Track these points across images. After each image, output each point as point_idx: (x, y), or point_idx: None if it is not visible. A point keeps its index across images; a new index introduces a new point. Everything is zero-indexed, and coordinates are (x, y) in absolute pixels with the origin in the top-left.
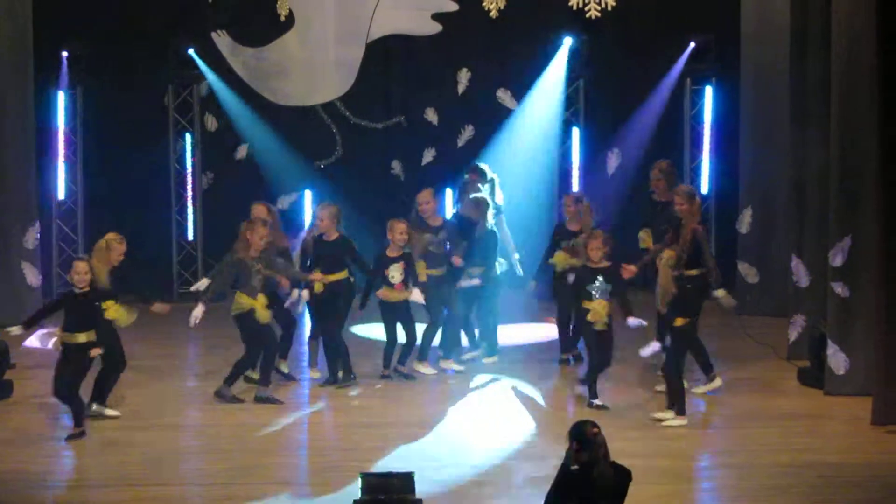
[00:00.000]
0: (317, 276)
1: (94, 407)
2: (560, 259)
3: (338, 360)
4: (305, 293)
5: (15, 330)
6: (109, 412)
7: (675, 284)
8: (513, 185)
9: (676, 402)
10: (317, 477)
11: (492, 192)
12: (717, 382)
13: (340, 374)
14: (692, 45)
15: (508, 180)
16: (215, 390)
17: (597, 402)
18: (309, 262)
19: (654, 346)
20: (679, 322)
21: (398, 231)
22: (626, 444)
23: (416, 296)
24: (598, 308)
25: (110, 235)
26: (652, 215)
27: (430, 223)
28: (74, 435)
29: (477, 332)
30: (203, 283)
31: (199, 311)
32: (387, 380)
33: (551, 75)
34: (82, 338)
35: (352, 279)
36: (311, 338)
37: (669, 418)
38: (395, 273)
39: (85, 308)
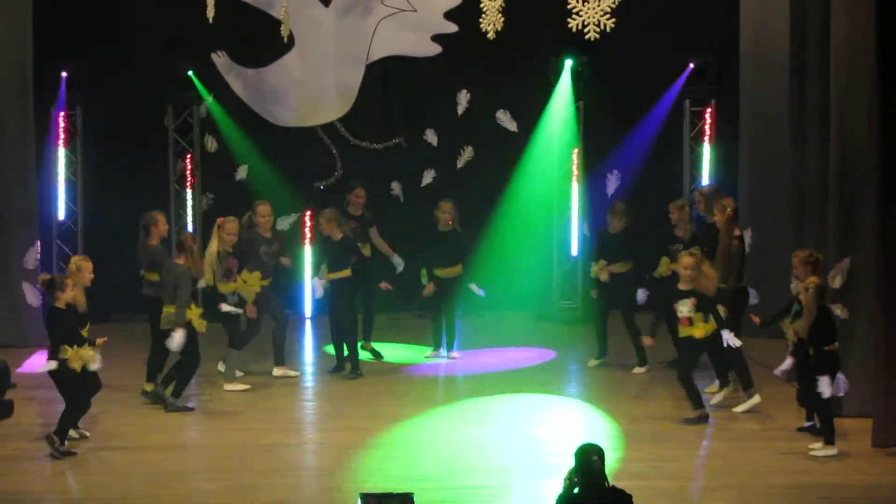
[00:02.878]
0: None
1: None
2: (663, 265)
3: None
4: (318, 282)
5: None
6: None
7: (817, 312)
8: (512, 207)
9: (825, 430)
10: (317, 497)
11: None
12: (757, 399)
13: (348, 367)
14: (691, 66)
15: (508, 202)
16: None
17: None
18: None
19: (788, 362)
20: (829, 348)
21: (685, 265)
22: (625, 465)
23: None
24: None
25: (76, 258)
26: (701, 235)
27: (263, 234)
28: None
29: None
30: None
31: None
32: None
33: (550, 96)
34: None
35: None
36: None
37: (818, 448)
38: (684, 308)
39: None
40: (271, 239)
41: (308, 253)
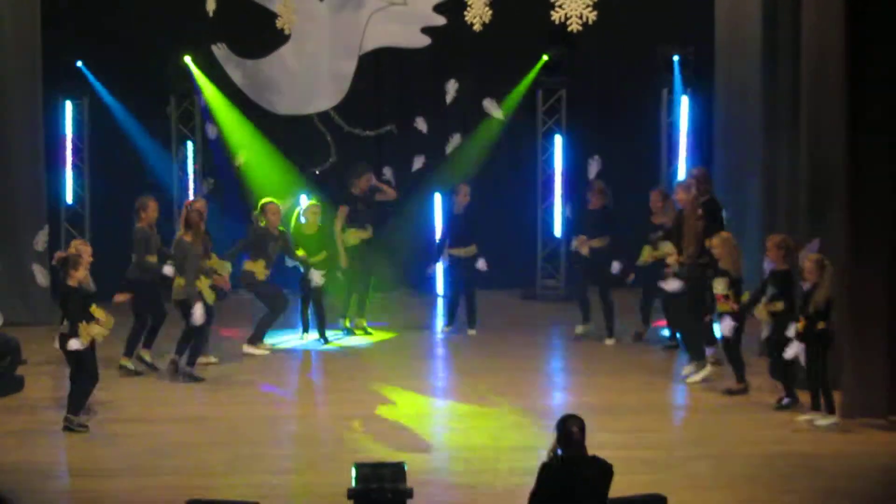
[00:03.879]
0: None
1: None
2: (644, 252)
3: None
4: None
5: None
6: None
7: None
8: (497, 191)
9: (826, 401)
10: (313, 467)
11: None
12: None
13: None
14: (677, 57)
15: (493, 186)
16: (180, 371)
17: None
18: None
19: (796, 347)
20: (821, 325)
21: (712, 245)
22: (607, 436)
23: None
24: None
25: (75, 241)
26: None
27: (272, 232)
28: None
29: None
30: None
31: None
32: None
33: (534, 85)
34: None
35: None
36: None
37: (819, 418)
38: (719, 286)
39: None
40: (278, 236)
41: None
